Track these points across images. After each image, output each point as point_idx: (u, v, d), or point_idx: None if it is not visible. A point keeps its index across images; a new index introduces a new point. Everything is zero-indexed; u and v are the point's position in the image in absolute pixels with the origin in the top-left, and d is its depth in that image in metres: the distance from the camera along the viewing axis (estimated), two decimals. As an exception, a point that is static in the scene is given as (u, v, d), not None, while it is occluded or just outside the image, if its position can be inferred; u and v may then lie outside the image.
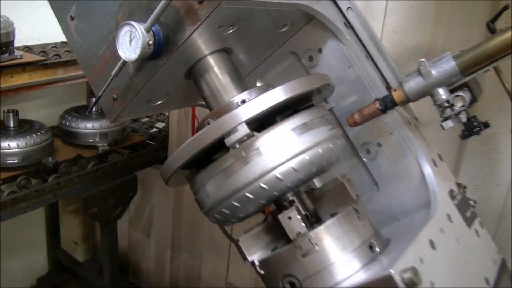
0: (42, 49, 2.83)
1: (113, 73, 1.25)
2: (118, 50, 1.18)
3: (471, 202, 1.56)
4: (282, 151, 1.12)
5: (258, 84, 1.68)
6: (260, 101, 1.09)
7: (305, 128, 1.16)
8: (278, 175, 1.11)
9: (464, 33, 1.97)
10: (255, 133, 1.11)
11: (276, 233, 1.28)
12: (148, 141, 3.25)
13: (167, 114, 3.37)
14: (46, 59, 2.63)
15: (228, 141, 1.08)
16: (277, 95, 1.10)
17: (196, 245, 3.38)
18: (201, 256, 3.38)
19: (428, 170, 1.42)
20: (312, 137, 1.16)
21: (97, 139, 2.91)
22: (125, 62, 1.21)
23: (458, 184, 1.56)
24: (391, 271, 1.02)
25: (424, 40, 2.09)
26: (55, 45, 2.94)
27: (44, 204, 2.55)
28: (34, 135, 2.58)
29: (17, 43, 2.56)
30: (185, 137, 3.18)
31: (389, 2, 2.11)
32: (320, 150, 1.16)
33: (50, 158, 2.62)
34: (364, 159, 1.53)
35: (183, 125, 3.19)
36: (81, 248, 4.05)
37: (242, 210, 1.17)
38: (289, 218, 1.13)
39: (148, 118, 3.57)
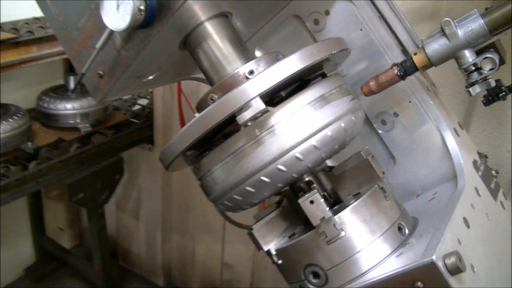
0: (13, 26, 2.60)
1: (97, 45, 1.08)
2: (103, 19, 1.01)
3: (493, 172, 1.45)
4: (301, 128, 0.97)
5: (257, 53, 1.52)
6: (275, 71, 0.94)
7: (323, 101, 1.02)
8: (298, 155, 0.97)
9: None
10: (269, 108, 0.96)
11: (293, 218, 1.15)
12: (132, 120, 3.08)
13: (150, 90, 3.18)
14: (17, 36, 2.42)
15: (241, 118, 0.93)
16: (293, 64, 0.95)
17: (189, 225, 3.26)
18: (194, 237, 3.27)
19: (451, 140, 1.29)
20: (333, 111, 1.01)
21: (78, 120, 2.73)
22: (112, 32, 1.05)
23: (479, 154, 1.45)
24: (434, 257, 0.90)
25: (427, 0, 1.95)
26: (27, 22, 2.71)
27: (27, 193, 2.39)
28: (11, 120, 2.39)
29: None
30: (172, 114, 3.04)
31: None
32: (343, 124, 1.02)
33: (30, 143, 2.45)
34: (379, 131, 1.39)
35: (168, 101, 3.03)
36: (67, 234, 3.90)
37: (256, 196, 1.03)
38: (311, 202, 1.00)
39: (130, 95, 3.37)
